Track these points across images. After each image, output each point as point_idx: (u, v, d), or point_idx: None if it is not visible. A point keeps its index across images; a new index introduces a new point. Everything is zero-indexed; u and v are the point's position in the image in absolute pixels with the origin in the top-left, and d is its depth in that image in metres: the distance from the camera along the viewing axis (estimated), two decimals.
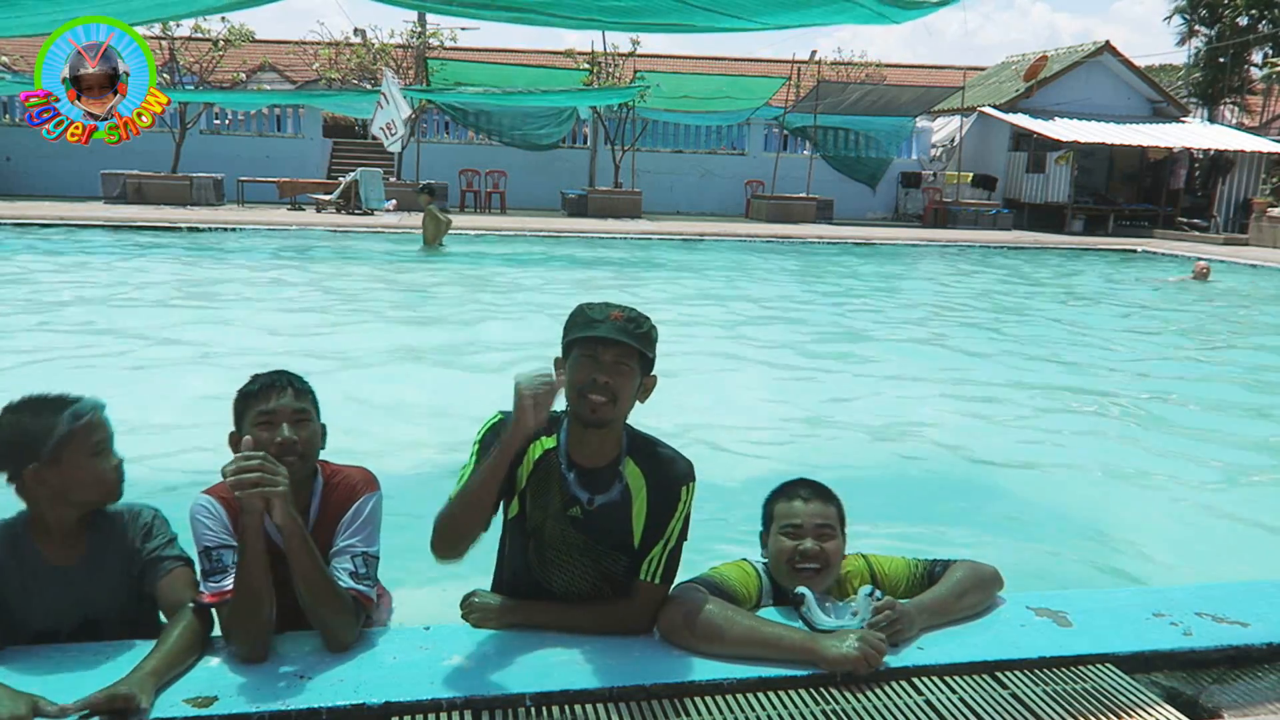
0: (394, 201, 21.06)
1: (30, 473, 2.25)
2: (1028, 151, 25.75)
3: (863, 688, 2.33)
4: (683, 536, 2.50)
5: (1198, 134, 25.41)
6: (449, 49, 26.73)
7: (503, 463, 2.29)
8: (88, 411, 2.30)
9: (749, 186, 26.33)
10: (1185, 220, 25.03)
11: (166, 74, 22.18)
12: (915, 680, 2.38)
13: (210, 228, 16.95)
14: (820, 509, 2.66)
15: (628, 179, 23.72)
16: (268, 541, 2.26)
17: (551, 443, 2.48)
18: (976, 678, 2.40)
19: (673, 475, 2.48)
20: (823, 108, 24.40)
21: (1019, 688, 2.37)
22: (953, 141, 27.30)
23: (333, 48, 27.24)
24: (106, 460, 2.33)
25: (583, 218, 21.87)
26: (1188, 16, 34.19)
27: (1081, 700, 2.32)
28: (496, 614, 2.49)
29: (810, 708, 2.25)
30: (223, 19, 22.33)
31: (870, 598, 2.49)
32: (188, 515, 2.37)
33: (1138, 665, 2.50)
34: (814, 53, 35.62)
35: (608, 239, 18.54)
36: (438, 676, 2.26)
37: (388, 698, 2.17)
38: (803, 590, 2.53)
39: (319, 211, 20.39)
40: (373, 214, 20.18)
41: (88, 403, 2.33)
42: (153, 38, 21.71)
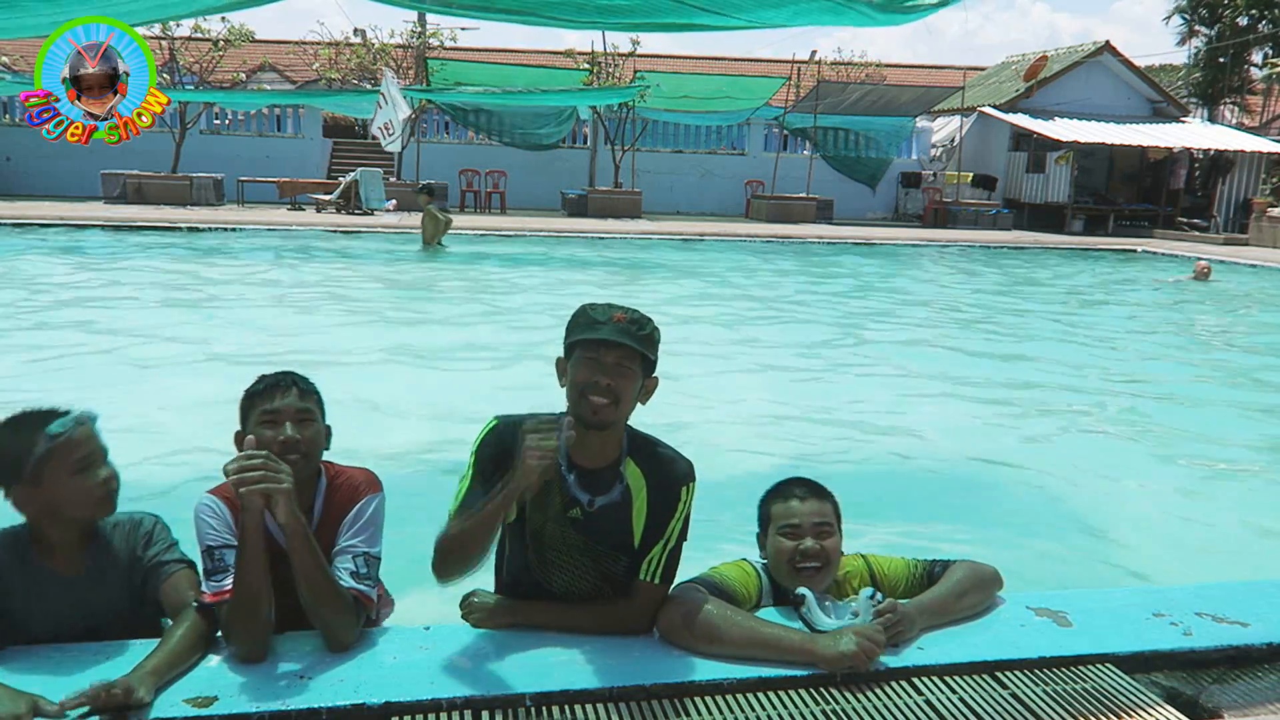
0: (394, 201, 21.05)
1: (15, 492, 2.25)
2: (1028, 151, 25.75)
3: (863, 688, 2.33)
4: (683, 536, 2.50)
5: (1198, 134, 25.41)
6: (449, 49, 26.76)
7: (501, 511, 2.28)
8: (65, 429, 2.23)
9: (749, 186, 26.33)
10: (1185, 220, 25.03)
11: (166, 74, 22.18)
12: (915, 680, 2.38)
13: (210, 228, 16.95)
14: (817, 507, 2.66)
15: (628, 179, 23.72)
16: (269, 541, 2.26)
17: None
18: (976, 678, 2.40)
19: (673, 475, 2.48)
20: (823, 108, 24.40)
21: (1019, 688, 2.37)
22: (953, 141, 27.29)
23: (333, 48, 27.28)
24: (91, 476, 2.26)
25: (583, 218, 21.87)
26: (1187, 16, 34.21)
27: (1081, 700, 2.32)
28: (496, 614, 2.49)
29: (810, 708, 2.25)
30: (223, 19, 22.33)
31: (871, 600, 2.48)
32: (191, 515, 2.37)
33: (1138, 665, 2.50)
34: (814, 53, 35.71)
35: (608, 239, 18.55)
36: (438, 676, 2.26)
37: (388, 698, 2.17)
38: (803, 591, 2.53)
39: (319, 211, 20.38)
40: (373, 214, 20.18)
41: (68, 419, 2.25)
42: (153, 38, 21.71)
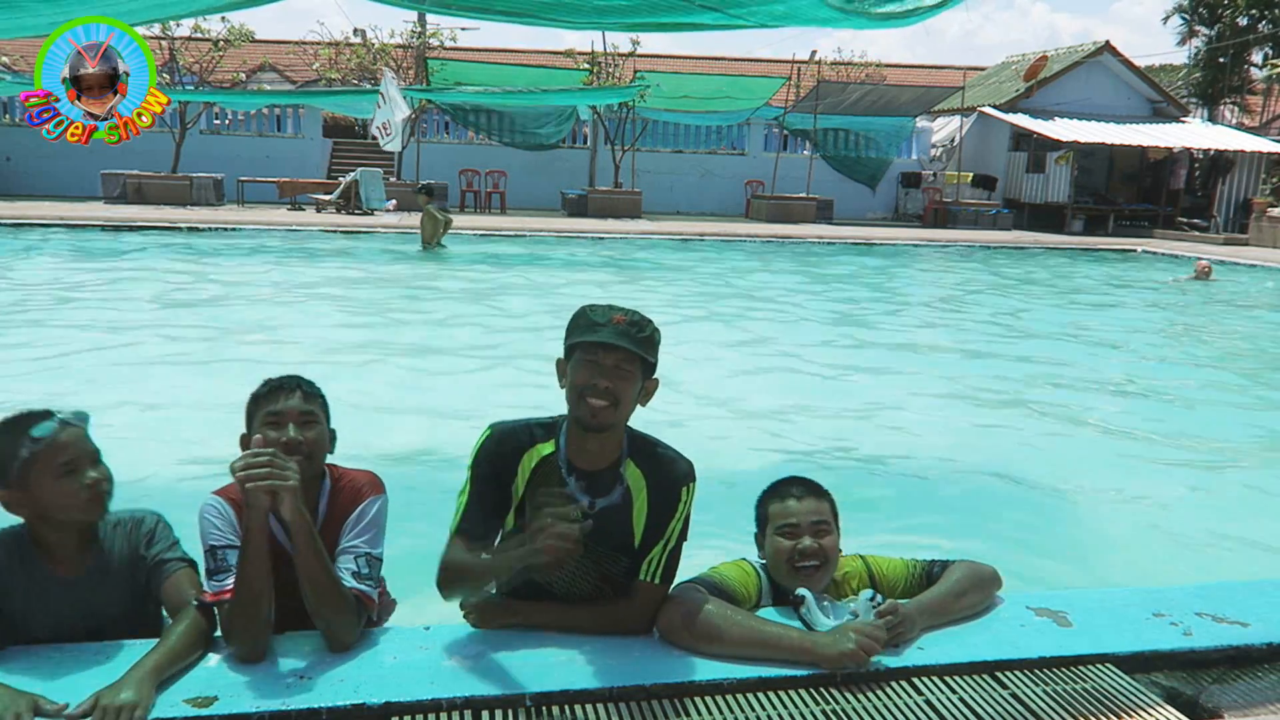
0: (394, 201, 21.05)
1: (4, 495, 2.25)
2: (1028, 151, 25.75)
3: (863, 688, 2.33)
4: (683, 537, 2.50)
5: (1198, 134, 25.41)
6: (449, 49, 26.72)
7: (504, 572, 2.35)
8: (49, 432, 2.21)
9: (749, 186, 26.33)
10: (1185, 220, 25.03)
11: (166, 74, 22.18)
12: (915, 680, 2.38)
13: (210, 228, 16.95)
14: (814, 505, 2.65)
15: (628, 179, 23.72)
16: (271, 542, 2.27)
17: (549, 448, 2.47)
18: (976, 678, 2.40)
19: (673, 476, 2.48)
20: (823, 108, 24.40)
21: (1019, 688, 2.37)
22: (953, 141, 27.29)
23: (333, 48, 27.24)
24: (79, 479, 2.23)
25: (583, 218, 21.87)
26: (1187, 17, 34.24)
27: (1081, 700, 2.32)
28: (496, 614, 2.49)
29: (810, 708, 2.25)
30: (223, 19, 22.34)
31: (871, 602, 2.48)
32: (192, 516, 2.38)
33: (1138, 665, 2.50)
34: (814, 53, 35.70)
35: (608, 239, 18.54)
36: (438, 676, 2.26)
37: (388, 698, 2.17)
38: (803, 592, 2.52)
39: (319, 211, 20.38)
40: (373, 214, 20.18)
41: (51, 423, 2.22)
42: (153, 38, 21.71)
